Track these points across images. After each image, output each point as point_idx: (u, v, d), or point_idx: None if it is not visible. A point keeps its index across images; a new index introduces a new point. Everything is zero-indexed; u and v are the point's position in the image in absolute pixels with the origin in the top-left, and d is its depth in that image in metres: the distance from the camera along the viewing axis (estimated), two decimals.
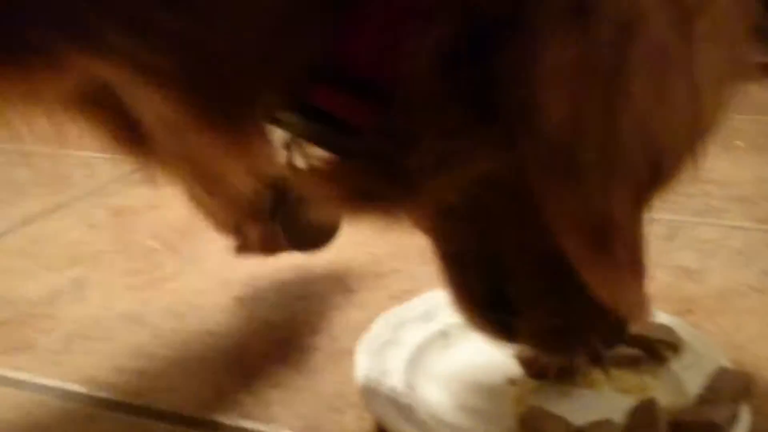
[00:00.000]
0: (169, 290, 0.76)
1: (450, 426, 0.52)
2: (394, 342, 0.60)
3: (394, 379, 0.55)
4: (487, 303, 0.48)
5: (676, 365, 0.57)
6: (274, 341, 0.67)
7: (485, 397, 0.56)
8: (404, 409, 0.52)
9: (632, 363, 0.57)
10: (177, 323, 0.70)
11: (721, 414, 0.48)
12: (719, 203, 0.95)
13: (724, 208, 0.94)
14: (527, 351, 0.56)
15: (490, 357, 0.59)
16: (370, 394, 0.53)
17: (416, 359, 0.59)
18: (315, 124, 0.42)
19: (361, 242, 0.61)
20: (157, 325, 0.70)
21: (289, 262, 0.75)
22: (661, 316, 0.60)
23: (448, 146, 0.37)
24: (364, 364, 0.56)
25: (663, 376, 0.57)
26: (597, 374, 0.57)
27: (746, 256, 0.81)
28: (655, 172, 0.37)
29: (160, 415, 0.57)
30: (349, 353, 0.63)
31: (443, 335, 0.62)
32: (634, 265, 0.39)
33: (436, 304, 0.63)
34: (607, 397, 0.55)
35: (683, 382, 0.55)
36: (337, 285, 0.76)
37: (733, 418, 0.49)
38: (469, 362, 0.59)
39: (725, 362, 0.55)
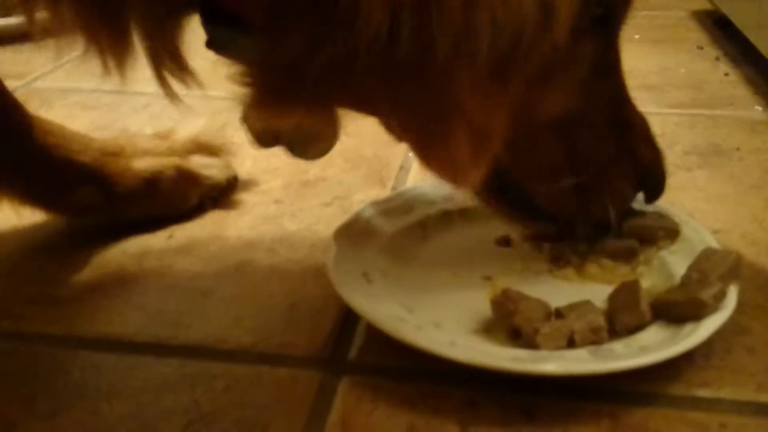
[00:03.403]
0: None
1: (421, 313, 0.50)
2: (369, 231, 0.57)
3: (367, 265, 0.53)
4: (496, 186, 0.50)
5: (665, 250, 0.55)
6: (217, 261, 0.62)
7: (459, 288, 0.53)
8: (375, 294, 0.50)
9: (628, 254, 0.55)
10: None
11: (708, 292, 0.46)
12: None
13: (634, 96, 0.94)
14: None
15: (468, 251, 0.57)
16: (342, 278, 0.50)
17: (391, 248, 0.56)
18: (223, 29, 0.43)
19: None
20: None
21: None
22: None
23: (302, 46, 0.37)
24: (336, 251, 0.53)
25: (653, 263, 0.54)
26: (588, 266, 0.55)
27: (666, 139, 0.81)
28: (504, 58, 0.37)
29: None
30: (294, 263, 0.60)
31: (421, 226, 0.59)
32: (476, 147, 0.40)
33: (414, 197, 0.60)
34: (590, 284, 0.53)
35: (669, 265, 0.54)
36: (265, 196, 0.71)
37: (721, 296, 0.46)
38: (446, 254, 0.57)
39: (713, 243, 0.53)
